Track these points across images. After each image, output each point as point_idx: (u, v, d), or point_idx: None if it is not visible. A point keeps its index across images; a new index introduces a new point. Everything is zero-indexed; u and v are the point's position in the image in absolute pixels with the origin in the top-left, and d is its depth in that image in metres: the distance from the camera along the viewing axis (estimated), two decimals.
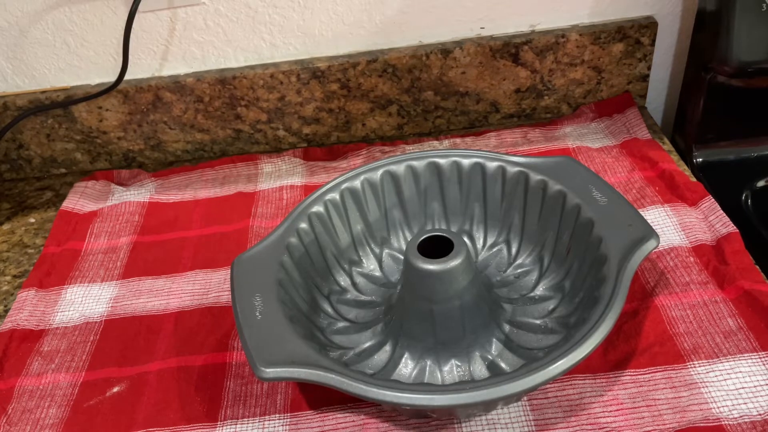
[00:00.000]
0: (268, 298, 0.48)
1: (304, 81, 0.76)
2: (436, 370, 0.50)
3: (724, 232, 0.58)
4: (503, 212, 0.60)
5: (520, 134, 0.77)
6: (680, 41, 0.78)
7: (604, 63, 0.77)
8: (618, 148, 0.72)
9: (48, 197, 0.79)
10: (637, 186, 0.66)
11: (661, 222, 0.61)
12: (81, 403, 0.52)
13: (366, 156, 0.76)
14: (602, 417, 0.46)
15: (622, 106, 0.78)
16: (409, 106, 0.79)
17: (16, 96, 0.77)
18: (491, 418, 0.47)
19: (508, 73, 0.77)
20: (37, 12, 0.72)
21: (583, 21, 0.76)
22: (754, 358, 0.49)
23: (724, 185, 0.68)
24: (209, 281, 0.62)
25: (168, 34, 0.74)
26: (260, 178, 0.75)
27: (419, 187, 0.60)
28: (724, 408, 0.46)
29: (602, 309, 0.44)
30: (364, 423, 0.48)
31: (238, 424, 0.49)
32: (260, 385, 0.52)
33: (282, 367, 0.43)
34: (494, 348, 0.51)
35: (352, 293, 0.58)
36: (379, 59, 0.75)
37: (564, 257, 0.55)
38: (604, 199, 0.53)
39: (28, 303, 0.62)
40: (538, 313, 0.54)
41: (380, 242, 0.61)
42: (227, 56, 0.76)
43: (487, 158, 0.59)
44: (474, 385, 0.40)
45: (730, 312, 0.52)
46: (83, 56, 0.76)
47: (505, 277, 0.58)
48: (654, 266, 0.57)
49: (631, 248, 0.48)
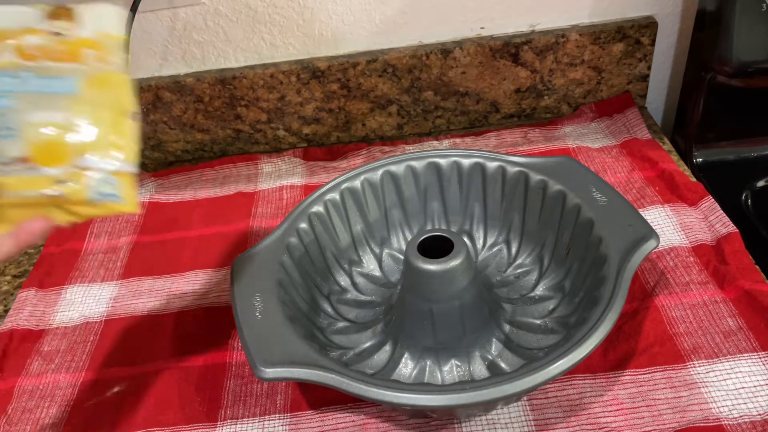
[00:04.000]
0: (268, 298, 0.48)
1: (304, 81, 0.76)
2: (436, 370, 0.50)
3: (724, 232, 0.58)
4: (503, 212, 0.60)
5: (520, 134, 0.77)
6: (680, 41, 0.78)
7: (604, 63, 0.77)
8: (618, 148, 0.72)
9: None
10: (637, 186, 0.66)
11: (661, 222, 0.61)
12: (81, 403, 0.52)
13: (366, 156, 0.76)
14: (602, 417, 0.46)
15: (622, 106, 0.78)
16: (409, 106, 0.79)
17: None
18: (491, 418, 0.47)
19: (508, 73, 0.77)
20: None
21: (583, 21, 0.76)
22: (754, 358, 0.49)
23: (724, 185, 0.68)
24: (209, 281, 0.62)
25: (168, 34, 0.74)
26: (260, 178, 0.75)
27: (419, 187, 0.60)
28: (724, 408, 0.46)
29: (602, 309, 0.44)
30: (364, 423, 0.48)
31: (238, 424, 0.49)
32: (260, 385, 0.52)
33: (282, 367, 0.43)
34: (494, 348, 0.51)
35: (352, 293, 0.58)
36: (379, 59, 0.75)
37: (564, 257, 0.55)
38: (604, 199, 0.53)
39: (28, 303, 0.62)
40: (538, 313, 0.54)
41: (380, 242, 0.61)
42: (227, 56, 0.76)
43: (487, 158, 0.59)
44: (474, 385, 0.40)
45: (730, 312, 0.52)
46: None
47: (505, 277, 0.58)
48: (654, 266, 0.57)
49: (631, 248, 0.48)
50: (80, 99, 0.38)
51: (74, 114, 0.37)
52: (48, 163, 0.37)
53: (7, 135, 0.37)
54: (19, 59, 0.38)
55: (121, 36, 0.39)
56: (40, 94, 0.38)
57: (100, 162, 0.38)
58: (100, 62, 0.38)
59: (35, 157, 0.37)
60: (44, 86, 0.38)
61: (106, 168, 0.38)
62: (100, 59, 0.38)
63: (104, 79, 0.38)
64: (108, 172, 0.38)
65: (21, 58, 0.38)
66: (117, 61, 0.38)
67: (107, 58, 0.38)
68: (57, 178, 0.37)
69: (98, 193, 0.38)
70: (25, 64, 0.37)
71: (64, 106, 0.37)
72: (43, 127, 0.37)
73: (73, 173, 0.38)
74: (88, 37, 0.38)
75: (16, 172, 0.37)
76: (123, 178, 0.38)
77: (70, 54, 0.38)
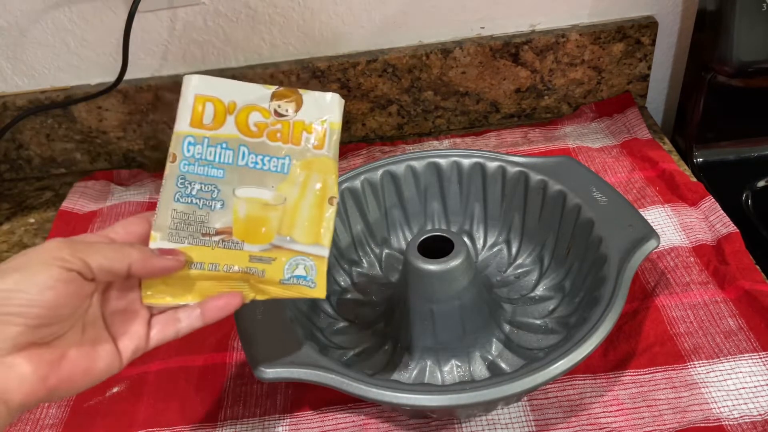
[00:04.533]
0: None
1: (304, 81, 0.76)
2: (437, 370, 0.50)
3: (724, 232, 0.58)
4: (503, 212, 0.60)
5: (520, 134, 0.77)
6: (680, 41, 0.78)
7: (605, 63, 0.77)
8: (618, 148, 0.72)
9: (48, 197, 0.79)
10: (637, 186, 0.66)
11: (661, 222, 0.61)
12: (81, 403, 0.52)
13: (366, 156, 0.76)
14: (603, 417, 0.46)
15: (623, 106, 0.78)
16: (409, 106, 0.79)
17: (15, 96, 0.77)
18: (491, 418, 0.47)
19: (508, 72, 0.77)
20: (37, 12, 0.72)
21: (583, 21, 0.76)
22: (755, 358, 0.48)
23: (725, 185, 0.68)
24: None
25: (168, 34, 0.74)
26: None
27: (419, 187, 0.60)
28: (725, 408, 0.46)
29: (602, 309, 0.44)
30: (364, 423, 0.48)
31: (238, 424, 0.49)
32: (260, 385, 0.52)
33: (282, 367, 0.43)
34: (494, 348, 0.51)
35: (352, 293, 0.58)
36: (379, 59, 0.75)
37: (564, 257, 0.55)
38: (605, 199, 0.53)
39: None
40: (539, 314, 0.54)
41: (380, 242, 0.61)
42: (227, 56, 0.76)
43: (487, 158, 0.59)
44: (474, 386, 0.40)
45: (730, 312, 0.52)
46: (83, 56, 0.76)
47: (506, 277, 0.58)
48: (654, 266, 0.57)
49: (632, 248, 0.48)
50: (289, 180, 0.38)
51: (282, 194, 0.38)
52: (250, 239, 0.38)
53: (215, 206, 0.38)
54: (239, 134, 0.38)
55: (338, 123, 0.39)
56: (253, 170, 0.38)
57: (299, 246, 0.38)
58: (314, 147, 0.39)
59: (238, 232, 0.38)
60: (258, 163, 0.38)
61: (305, 251, 0.38)
62: (315, 144, 0.39)
63: (314, 163, 0.39)
64: (306, 255, 0.38)
65: (241, 133, 0.38)
66: (330, 147, 0.39)
67: (322, 144, 0.39)
68: (255, 255, 0.38)
69: (292, 275, 0.39)
70: (243, 139, 0.38)
71: (272, 184, 0.38)
72: (250, 203, 0.38)
73: (272, 252, 0.38)
74: (307, 121, 0.39)
75: (218, 245, 0.38)
76: (318, 263, 0.39)
77: (288, 135, 0.39)
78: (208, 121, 0.38)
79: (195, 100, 0.38)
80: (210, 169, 0.38)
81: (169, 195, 0.38)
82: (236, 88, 0.39)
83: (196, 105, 0.38)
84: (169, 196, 0.38)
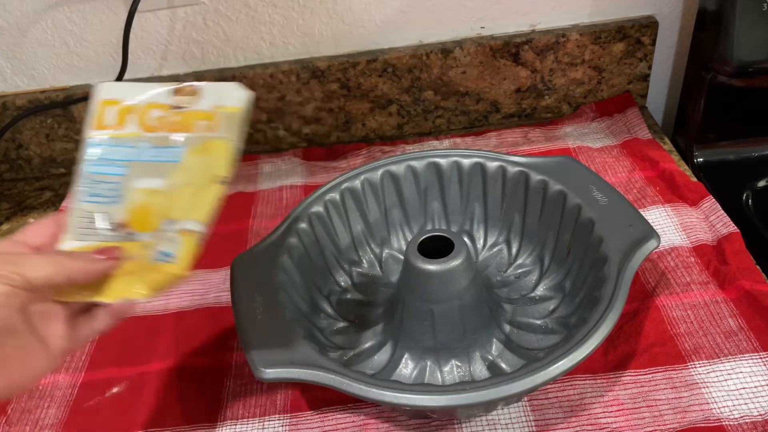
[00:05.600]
0: (268, 299, 0.48)
1: (303, 81, 0.76)
2: (437, 370, 0.50)
3: (724, 232, 0.58)
4: (503, 212, 0.60)
5: (521, 134, 0.77)
6: (681, 41, 0.78)
7: (605, 63, 0.77)
8: (618, 147, 0.72)
9: (47, 197, 0.79)
10: (637, 186, 0.66)
11: (661, 222, 0.61)
12: (81, 404, 0.52)
13: (366, 156, 0.76)
14: (603, 417, 0.46)
15: (623, 106, 0.78)
16: (409, 106, 0.79)
17: (15, 96, 0.77)
18: (492, 418, 0.47)
19: (508, 72, 0.77)
20: (37, 12, 0.72)
21: (583, 20, 0.76)
22: (755, 358, 0.48)
23: (725, 185, 0.68)
24: (209, 281, 0.62)
25: (168, 34, 0.74)
26: (260, 178, 0.75)
27: (419, 187, 0.60)
28: (725, 408, 0.46)
29: (603, 309, 0.44)
30: (364, 423, 0.48)
31: (238, 424, 0.49)
32: (260, 385, 0.52)
33: (282, 368, 0.43)
34: (494, 348, 0.51)
35: (352, 293, 0.58)
36: (379, 59, 0.75)
37: (564, 257, 0.55)
38: (605, 199, 0.53)
39: None
40: (539, 314, 0.54)
41: (380, 242, 0.61)
42: (227, 56, 0.76)
43: (488, 158, 0.59)
44: (474, 386, 0.40)
45: (730, 312, 0.52)
46: (83, 56, 0.76)
47: (506, 278, 0.58)
48: (655, 266, 0.57)
49: (632, 248, 0.48)
50: (181, 167, 0.39)
51: (172, 181, 0.39)
52: (143, 227, 0.39)
53: (118, 202, 0.39)
54: (141, 131, 0.40)
55: (237, 108, 0.40)
56: (152, 163, 0.39)
57: (174, 224, 0.38)
58: (208, 131, 0.39)
59: (133, 222, 0.39)
60: (156, 155, 0.39)
61: (175, 228, 0.38)
62: (209, 129, 0.39)
63: (206, 146, 0.39)
64: (175, 231, 0.38)
65: (143, 130, 0.40)
66: (226, 131, 0.39)
67: (216, 127, 0.39)
68: (145, 243, 0.38)
69: (160, 252, 0.38)
70: (144, 135, 0.40)
71: (167, 173, 0.39)
72: (143, 193, 0.39)
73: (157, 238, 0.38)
74: (203, 110, 0.40)
75: (120, 238, 0.39)
76: (187, 238, 0.38)
77: (184, 125, 0.40)
78: (110, 122, 0.40)
79: (100, 104, 0.40)
80: (113, 167, 0.39)
81: (77, 196, 0.39)
82: (140, 90, 0.40)
83: (100, 109, 0.40)
84: (76, 197, 0.39)
